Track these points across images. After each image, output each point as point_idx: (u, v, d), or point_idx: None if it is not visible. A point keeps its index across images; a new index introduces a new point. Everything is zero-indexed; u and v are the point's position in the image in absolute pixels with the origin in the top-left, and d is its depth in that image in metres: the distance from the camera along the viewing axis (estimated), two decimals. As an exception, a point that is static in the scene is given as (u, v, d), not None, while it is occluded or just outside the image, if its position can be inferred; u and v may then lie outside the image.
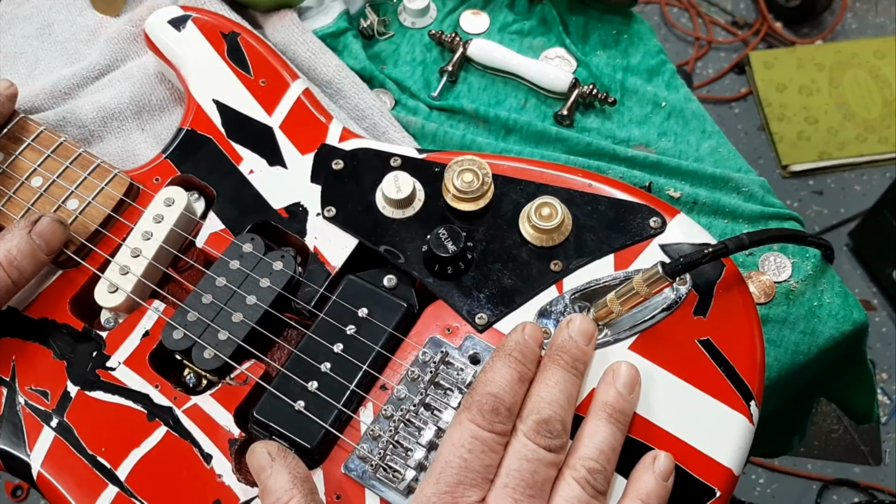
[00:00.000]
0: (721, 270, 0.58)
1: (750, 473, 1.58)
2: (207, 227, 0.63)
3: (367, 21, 0.82)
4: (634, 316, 0.57)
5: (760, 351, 0.56)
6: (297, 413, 0.55)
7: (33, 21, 0.80)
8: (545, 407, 0.50)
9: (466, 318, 0.58)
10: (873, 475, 1.58)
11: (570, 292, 0.58)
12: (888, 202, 1.63)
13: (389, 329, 0.57)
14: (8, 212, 0.63)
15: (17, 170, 0.64)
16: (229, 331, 0.58)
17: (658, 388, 0.55)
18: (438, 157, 0.64)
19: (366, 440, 0.54)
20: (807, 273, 0.70)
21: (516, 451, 0.49)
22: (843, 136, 1.86)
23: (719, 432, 0.54)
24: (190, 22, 0.70)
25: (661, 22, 2.09)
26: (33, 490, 1.56)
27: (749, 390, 0.55)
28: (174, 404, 0.57)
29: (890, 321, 1.71)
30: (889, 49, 1.96)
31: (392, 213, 0.62)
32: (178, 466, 0.55)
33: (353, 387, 0.55)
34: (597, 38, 0.84)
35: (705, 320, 0.57)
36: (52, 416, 0.57)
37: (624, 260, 0.59)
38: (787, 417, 0.82)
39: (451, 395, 0.55)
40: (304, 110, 0.67)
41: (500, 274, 0.59)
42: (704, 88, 1.99)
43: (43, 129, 0.65)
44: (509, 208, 0.61)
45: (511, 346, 0.53)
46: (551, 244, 0.60)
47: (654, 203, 0.61)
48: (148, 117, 0.74)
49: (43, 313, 0.61)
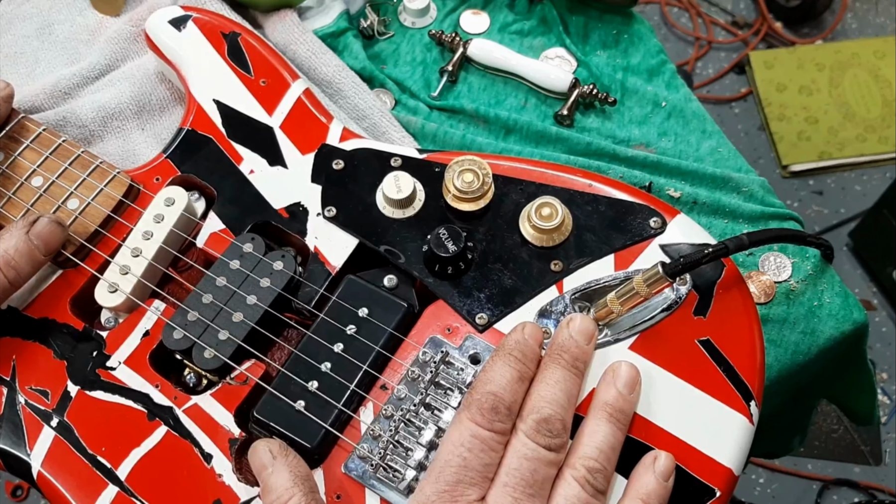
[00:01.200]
0: (721, 271, 0.58)
1: (750, 473, 1.58)
2: (208, 227, 0.63)
3: (367, 21, 0.83)
4: (634, 316, 0.57)
5: (760, 351, 0.56)
6: (298, 413, 0.55)
7: (33, 21, 0.80)
8: (545, 406, 0.50)
9: (467, 318, 0.58)
10: (873, 475, 1.58)
11: (570, 292, 0.58)
12: (888, 202, 1.63)
13: (390, 329, 0.57)
14: (7, 213, 0.63)
15: (16, 170, 0.64)
16: (229, 331, 0.58)
17: (658, 388, 0.55)
18: (439, 157, 0.64)
19: (366, 440, 0.54)
20: (807, 273, 0.71)
21: (516, 450, 0.49)
22: (843, 136, 1.86)
23: (719, 432, 0.54)
24: (190, 22, 0.70)
25: (661, 22, 2.08)
26: (33, 490, 1.56)
27: (749, 390, 0.55)
28: (174, 404, 0.57)
29: (890, 321, 1.71)
30: (889, 49, 1.96)
31: (392, 213, 0.62)
32: (178, 466, 0.55)
33: (353, 386, 0.55)
34: (597, 38, 0.84)
35: (705, 320, 0.57)
36: (52, 415, 0.57)
37: (624, 260, 0.59)
38: (788, 418, 0.82)
39: (452, 394, 0.55)
40: (304, 110, 0.67)
41: (501, 274, 0.59)
42: (704, 88, 1.99)
43: (42, 129, 0.65)
44: (509, 208, 0.61)
45: (511, 345, 0.53)
46: (551, 244, 0.60)
47: (655, 203, 0.61)
48: (148, 117, 0.74)
49: (43, 313, 0.61)
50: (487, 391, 0.50)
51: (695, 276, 0.58)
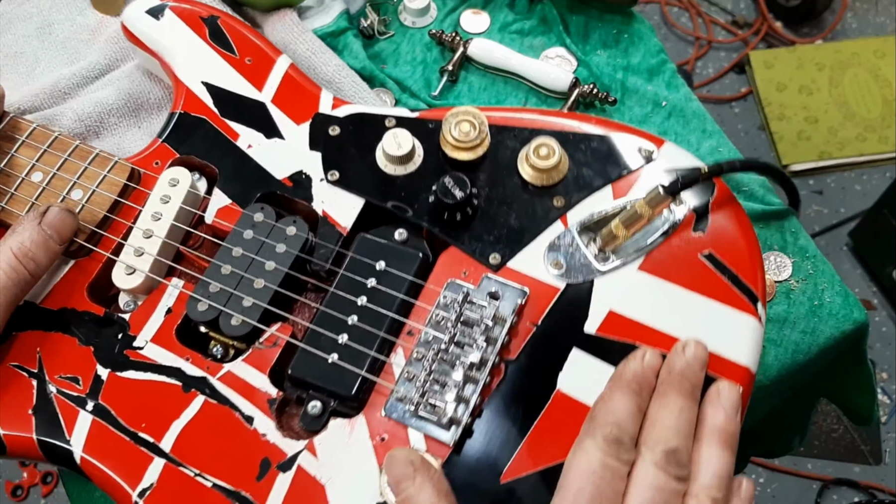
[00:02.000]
0: (713, 189, 0.62)
1: (750, 473, 1.57)
2: (214, 203, 0.64)
3: (367, 20, 0.83)
4: (638, 241, 0.60)
5: (758, 256, 0.60)
6: (332, 365, 0.57)
7: (33, 21, 0.80)
8: (672, 437, 0.50)
9: (480, 260, 0.60)
10: (873, 475, 1.57)
11: (575, 225, 0.61)
12: (888, 202, 1.62)
13: (410, 277, 0.59)
14: (12, 209, 0.63)
15: (15, 168, 0.64)
16: (253, 297, 0.59)
17: (672, 302, 0.58)
18: (430, 114, 0.66)
19: (401, 383, 0.56)
20: (807, 272, 0.72)
21: (647, 482, 0.49)
22: (843, 135, 1.86)
23: (734, 335, 0.57)
24: (168, 10, 0.71)
25: (661, 22, 2.07)
26: (33, 490, 1.54)
27: (754, 293, 0.58)
28: (208, 374, 0.58)
29: (890, 321, 1.71)
30: (889, 49, 1.96)
31: (395, 171, 0.64)
32: (221, 431, 0.56)
33: (382, 333, 0.57)
34: (597, 37, 0.84)
35: (705, 236, 0.60)
36: (86, 400, 0.58)
37: (621, 189, 0.62)
38: (788, 417, 0.83)
39: (478, 330, 0.57)
40: (293, 83, 0.68)
41: (507, 216, 0.62)
42: (705, 88, 1.97)
43: (35, 125, 0.65)
44: (507, 154, 0.64)
45: (630, 376, 0.53)
46: (551, 182, 0.63)
47: (643, 135, 0.64)
48: (146, 115, 0.74)
49: (62, 304, 0.61)
50: (611, 422, 0.50)
51: (690, 197, 0.61)
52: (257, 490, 0.54)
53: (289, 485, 0.54)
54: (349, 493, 0.53)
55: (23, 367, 0.59)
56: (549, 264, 0.60)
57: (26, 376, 0.59)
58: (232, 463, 0.55)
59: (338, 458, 0.55)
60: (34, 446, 0.57)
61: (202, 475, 0.55)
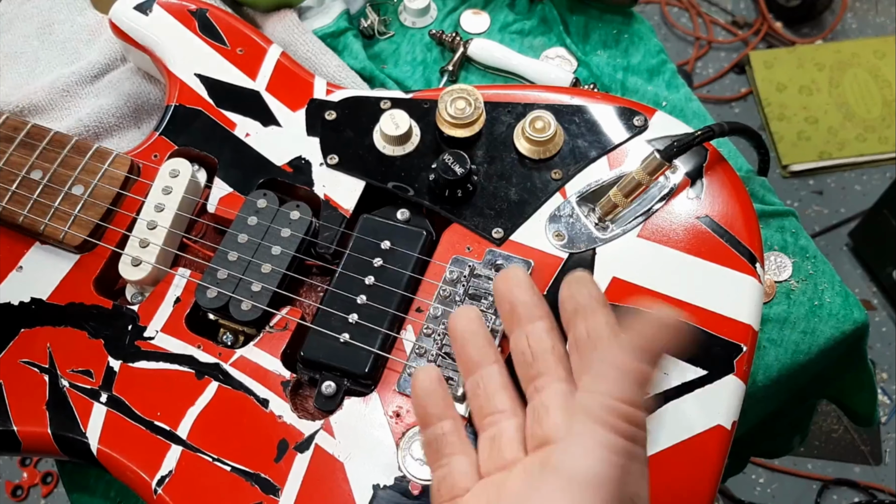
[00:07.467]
0: (705, 155, 0.63)
1: (750, 473, 1.56)
2: (216, 192, 0.64)
3: (367, 21, 0.83)
4: (636, 209, 0.61)
5: (753, 217, 0.61)
6: (343, 345, 0.57)
7: (34, 21, 0.80)
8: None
9: (483, 235, 0.61)
10: (873, 475, 1.56)
11: (574, 196, 0.62)
12: (888, 202, 1.61)
13: (416, 254, 0.60)
14: (13, 208, 0.63)
15: (14, 166, 0.64)
16: (262, 281, 0.59)
17: (673, 267, 0.59)
18: (424, 94, 0.67)
19: (414, 358, 0.57)
20: (807, 273, 0.72)
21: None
22: (843, 135, 1.85)
23: (735, 295, 0.58)
24: (155, 5, 0.71)
25: (661, 22, 2.06)
26: (33, 490, 1.53)
27: (752, 254, 0.59)
28: (220, 360, 0.58)
29: (890, 321, 1.70)
30: (889, 49, 1.95)
31: (393, 151, 0.65)
32: (237, 416, 0.57)
33: (392, 310, 0.58)
34: (597, 37, 0.85)
35: (701, 200, 0.61)
36: (99, 392, 0.58)
37: (616, 159, 0.63)
38: (788, 417, 0.83)
39: (485, 302, 0.58)
40: (286, 71, 0.69)
41: (507, 190, 0.63)
42: (704, 88, 1.96)
43: (31, 124, 0.65)
44: (503, 129, 0.65)
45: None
46: (548, 155, 0.64)
47: (634, 105, 0.65)
48: (145, 116, 0.74)
49: (69, 299, 0.61)
50: None
51: (684, 164, 0.62)
52: (276, 471, 0.55)
53: (307, 464, 0.55)
54: (368, 468, 0.54)
55: (34, 363, 0.59)
56: (551, 235, 0.61)
57: (38, 372, 0.59)
58: (249, 446, 0.56)
59: (355, 435, 0.55)
60: (50, 441, 0.57)
61: (220, 460, 0.55)
